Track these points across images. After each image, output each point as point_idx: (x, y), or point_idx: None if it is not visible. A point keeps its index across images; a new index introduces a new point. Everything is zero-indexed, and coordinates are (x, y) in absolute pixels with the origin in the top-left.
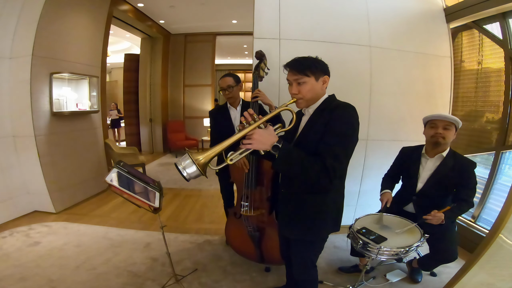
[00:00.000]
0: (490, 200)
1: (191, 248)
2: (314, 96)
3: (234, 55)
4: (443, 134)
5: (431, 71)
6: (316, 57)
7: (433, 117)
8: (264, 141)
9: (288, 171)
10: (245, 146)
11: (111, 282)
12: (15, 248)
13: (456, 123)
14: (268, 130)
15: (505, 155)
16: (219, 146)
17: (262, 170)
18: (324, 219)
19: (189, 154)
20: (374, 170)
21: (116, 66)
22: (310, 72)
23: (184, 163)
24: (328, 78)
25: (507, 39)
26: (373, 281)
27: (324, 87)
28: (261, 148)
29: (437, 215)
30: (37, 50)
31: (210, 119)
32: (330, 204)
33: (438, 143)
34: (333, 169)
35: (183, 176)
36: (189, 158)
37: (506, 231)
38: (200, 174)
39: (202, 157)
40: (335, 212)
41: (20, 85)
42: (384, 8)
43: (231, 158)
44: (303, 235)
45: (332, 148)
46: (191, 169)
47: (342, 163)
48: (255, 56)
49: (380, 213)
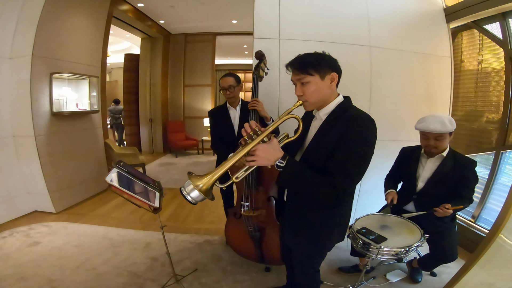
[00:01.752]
0: (490, 200)
1: (191, 248)
2: (321, 98)
3: (234, 55)
4: (435, 144)
5: (431, 71)
6: (322, 52)
7: (424, 128)
8: (268, 157)
9: (293, 188)
10: (248, 164)
11: (111, 282)
12: (15, 248)
13: (448, 131)
14: (272, 145)
15: (505, 155)
16: (222, 168)
17: (263, 170)
18: (331, 232)
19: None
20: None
21: (116, 66)
22: (314, 70)
23: (188, 188)
24: (337, 75)
25: (507, 39)
26: (373, 281)
27: (334, 86)
28: (265, 164)
29: (447, 211)
30: (37, 50)
31: (210, 119)
32: (338, 217)
33: (431, 153)
34: (343, 190)
35: (188, 200)
36: (191, 184)
37: (506, 231)
38: (205, 198)
39: (203, 184)
40: (342, 225)
41: (20, 85)
42: (384, 8)
43: (237, 176)
44: (309, 247)
45: (345, 167)
46: (194, 193)
47: (354, 183)
48: (255, 56)
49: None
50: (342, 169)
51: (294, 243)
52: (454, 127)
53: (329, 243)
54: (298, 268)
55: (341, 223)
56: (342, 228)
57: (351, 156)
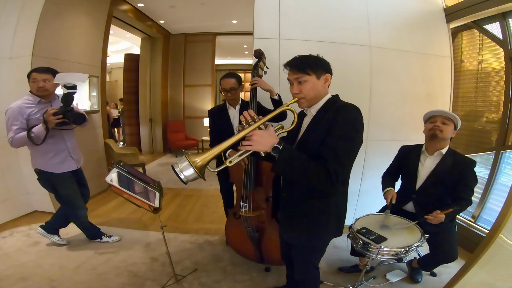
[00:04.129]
0: (490, 200)
1: (191, 248)
2: (316, 95)
3: (234, 55)
4: (441, 127)
5: (431, 71)
6: (317, 55)
7: (433, 113)
8: (264, 143)
9: (289, 174)
10: (244, 148)
11: (111, 282)
12: (15, 248)
13: (455, 119)
14: (269, 131)
15: (505, 155)
16: (218, 148)
17: (261, 171)
18: (326, 224)
19: (186, 156)
20: (374, 170)
21: (116, 66)
22: (311, 70)
23: (181, 165)
24: (330, 76)
25: (507, 39)
26: (373, 281)
27: (327, 86)
28: (261, 149)
29: (438, 216)
30: (37, 50)
31: (209, 119)
32: (332, 208)
33: (435, 136)
34: (336, 173)
35: (180, 179)
36: (186, 161)
37: (506, 231)
38: (197, 177)
39: (200, 160)
40: (337, 217)
41: (20, 85)
42: (384, 8)
43: (230, 160)
44: (305, 240)
45: (335, 151)
46: (188, 171)
47: (345, 167)
48: (254, 55)
49: (384, 213)
50: (332, 152)
51: (290, 235)
52: (459, 123)
53: (325, 234)
54: (298, 265)
55: (337, 214)
56: (338, 221)
57: (339, 140)
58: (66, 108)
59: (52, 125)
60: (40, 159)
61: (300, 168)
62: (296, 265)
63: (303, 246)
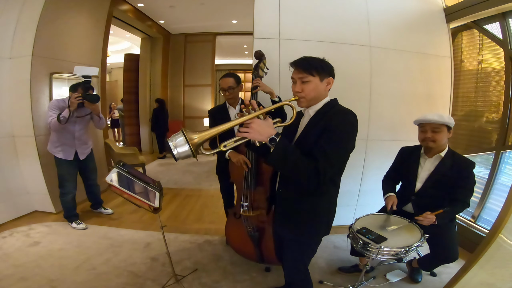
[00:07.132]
0: (490, 200)
1: (191, 248)
2: (316, 96)
3: (234, 55)
4: (432, 137)
5: (431, 71)
6: (323, 58)
7: (420, 121)
8: (261, 132)
9: (281, 167)
10: (241, 134)
11: (111, 282)
12: (15, 248)
13: (445, 123)
14: (267, 122)
15: (505, 155)
16: (215, 129)
17: (261, 170)
18: (317, 221)
19: (183, 132)
20: (374, 170)
21: (116, 66)
22: (316, 72)
23: (176, 140)
24: (333, 80)
25: (507, 39)
26: (373, 281)
27: (328, 89)
28: (257, 138)
29: (428, 217)
30: (37, 50)
31: (209, 118)
32: (324, 207)
33: (428, 148)
34: (324, 172)
35: (173, 155)
36: (183, 136)
37: (506, 231)
38: (190, 155)
39: (197, 137)
40: (328, 216)
41: (20, 85)
42: (384, 8)
43: (225, 144)
44: (296, 234)
45: (326, 151)
46: (182, 148)
47: (333, 167)
48: (254, 56)
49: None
50: (323, 153)
51: (283, 229)
52: (452, 122)
53: (315, 232)
54: (288, 264)
55: (328, 213)
56: (328, 220)
57: (330, 142)
58: (85, 92)
59: (74, 106)
60: (50, 144)
61: (292, 162)
62: (286, 265)
63: (294, 243)
